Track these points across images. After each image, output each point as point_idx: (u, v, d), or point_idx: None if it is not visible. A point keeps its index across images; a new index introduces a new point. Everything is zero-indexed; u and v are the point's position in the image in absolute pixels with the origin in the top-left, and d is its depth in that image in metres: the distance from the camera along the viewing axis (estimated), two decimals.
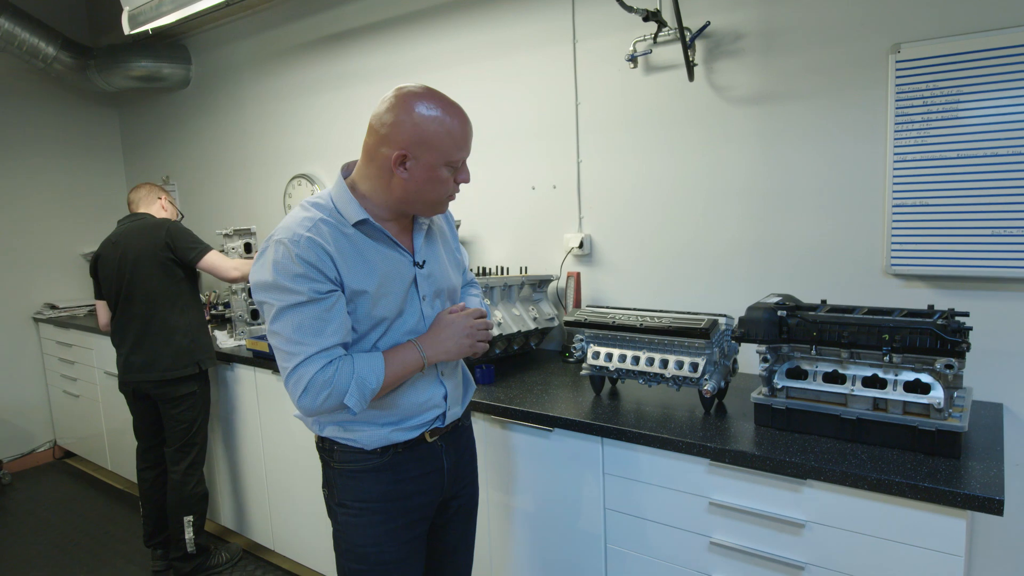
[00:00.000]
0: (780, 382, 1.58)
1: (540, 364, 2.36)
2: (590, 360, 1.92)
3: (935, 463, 1.36)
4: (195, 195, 4.24)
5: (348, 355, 1.31)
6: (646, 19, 2.06)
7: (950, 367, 1.37)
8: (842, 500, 1.39)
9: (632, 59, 2.21)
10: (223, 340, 3.00)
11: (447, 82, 2.71)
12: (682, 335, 1.75)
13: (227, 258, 2.67)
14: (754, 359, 1.64)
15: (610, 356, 1.88)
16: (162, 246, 2.60)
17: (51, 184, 4.37)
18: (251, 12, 3.56)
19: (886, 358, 1.45)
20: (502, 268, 2.57)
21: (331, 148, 3.34)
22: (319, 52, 3.29)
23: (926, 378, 1.41)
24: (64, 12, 4.36)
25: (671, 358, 1.78)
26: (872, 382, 1.48)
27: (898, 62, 1.76)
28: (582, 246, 2.45)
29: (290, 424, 2.55)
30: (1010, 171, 1.65)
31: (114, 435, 3.68)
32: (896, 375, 1.45)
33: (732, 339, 1.68)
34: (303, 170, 3.49)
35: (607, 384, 2.01)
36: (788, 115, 1.99)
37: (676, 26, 2.05)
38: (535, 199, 2.61)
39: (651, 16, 2.06)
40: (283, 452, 2.65)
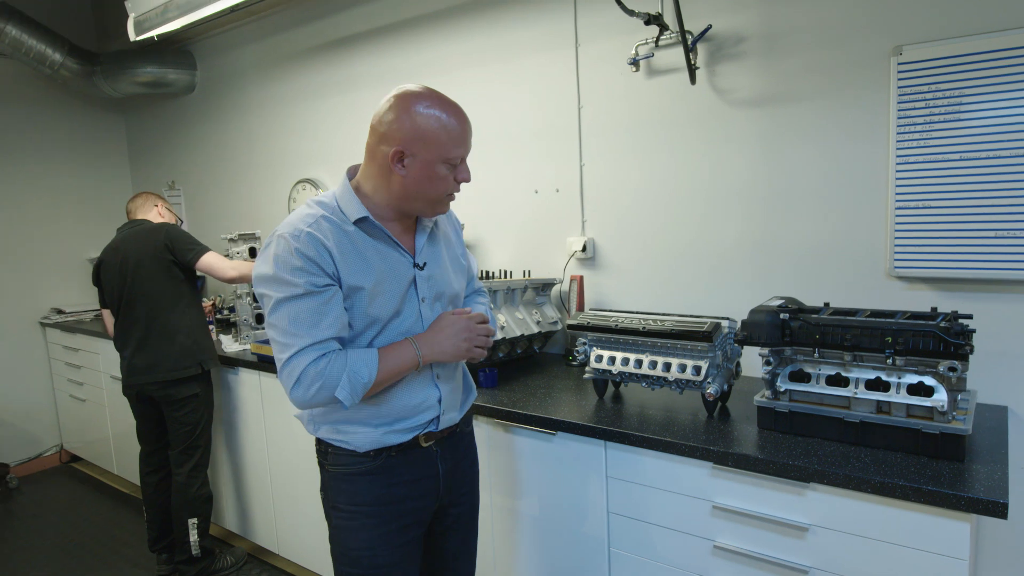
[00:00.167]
0: (783, 385, 1.57)
1: (543, 368, 2.36)
2: (593, 363, 1.92)
3: (939, 466, 1.35)
4: (200, 200, 4.26)
5: (342, 349, 1.32)
6: (648, 23, 2.07)
7: (953, 370, 1.36)
8: (846, 504, 1.39)
9: (634, 63, 2.21)
10: (228, 344, 3.01)
11: (450, 86, 2.72)
12: (685, 338, 1.75)
13: (225, 259, 2.69)
14: (757, 362, 1.64)
15: (613, 359, 1.88)
16: (161, 248, 2.62)
17: (58, 189, 4.41)
18: (256, 18, 3.59)
19: (889, 361, 1.45)
20: (505, 272, 2.58)
21: (336, 153, 3.36)
22: (324, 57, 3.31)
23: (929, 381, 1.41)
24: (71, 19, 4.40)
25: (674, 361, 1.78)
26: (875, 385, 1.47)
27: (900, 64, 1.76)
28: (585, 249, 2.45)
29: (294, 428, 2.55)
30: (1013, 173, 1.64)
31: (120, 439, 3.70)
32: (899, 378, 1.45)
33: (735, 342, 1.68)
34: (308, 175, 3.50)
35: (610, 387, 2.01)
36: (790, 117, 1.99)
37: (678, 29, 2.05)
38: (538, 202, 2.62)
39: (653, 20, 2.06)
40: (287, 456, 2.66)
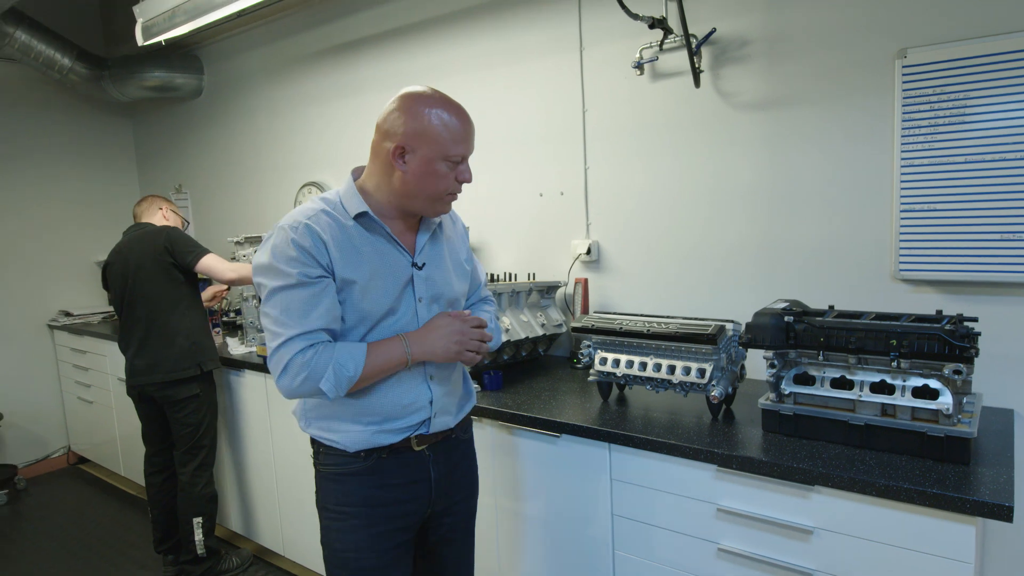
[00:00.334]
0: (788, 388, 1.57)
1: (548, 370, 2.37)
2: (598, 366, 1.92)
3: (944, 469, 1.35)
4: (207, 203, 4.29)
5: (332, 342, 1.33)
6: (652, 26, 2.07)
7: (959, 372, 1.36)
8: (850, 506, 1.38)
9: (638, 66, 2.22)
10: (234, 347, 3.03)
11: (456, 89, 2.71)
12: (689, 341, 1.75)
13: (224, 260, 2.71)
14: (761, 365, 1.64)
15: (618, 362, 1.89)
16: (161, 251, 2.65)
17: (66, 192, 4.44)
18: (263, 22, 3.61)
19: (894, 364, 1.44)
20: (510, 275, 2.58)
21: (342, 156, 3.37)
22: (330, 61, 3.33)
23: (934, 384, 1.41)
24: (79, 24, 4.43)
25: (679, 364, 1.78)
26: (880, 388, 1.47)
27: (905, 67, 1.76)
28: (589, 252, 2.46)
29: (299, 430, 2.55)
30: (1019, 176, 1.64)
31: (127, 441, 3.72)
32: (904, 381, 1.44)
33: (739, 345, 1.68)
34: (314, 178, 3.52)
35: (615, 390, 2.01)
36: (794, 120, 1.99)
37: (682, 33, 2.05)
38: (543, 205, 2.62)
39: (657, 23, 2.07)
40: (293, 458, 2.67)
